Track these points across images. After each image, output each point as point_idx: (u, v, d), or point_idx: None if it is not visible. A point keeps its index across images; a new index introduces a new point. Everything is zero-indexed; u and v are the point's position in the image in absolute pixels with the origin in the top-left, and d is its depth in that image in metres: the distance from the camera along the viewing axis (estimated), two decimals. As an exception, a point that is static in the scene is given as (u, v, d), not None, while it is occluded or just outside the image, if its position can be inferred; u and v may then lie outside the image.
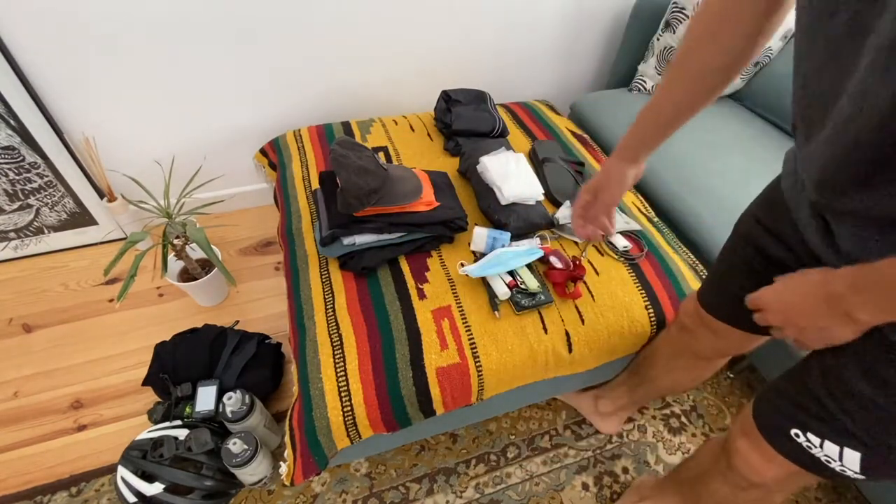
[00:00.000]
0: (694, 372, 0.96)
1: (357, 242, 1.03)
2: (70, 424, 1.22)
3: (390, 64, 1.60)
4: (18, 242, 1.56)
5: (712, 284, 0.82)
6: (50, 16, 1.18)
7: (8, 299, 1.49)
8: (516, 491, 1.16)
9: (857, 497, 1.17)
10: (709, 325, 0.82)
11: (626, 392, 1.14)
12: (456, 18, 1.56)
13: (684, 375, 0.98)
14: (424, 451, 1.21)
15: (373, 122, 1.52)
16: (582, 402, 1.24)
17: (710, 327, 0.83)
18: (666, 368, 0.99)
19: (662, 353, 1.00)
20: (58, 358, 1.35)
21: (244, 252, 1.66)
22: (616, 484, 1.18)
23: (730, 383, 1.39)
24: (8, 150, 1.34)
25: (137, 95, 1.39)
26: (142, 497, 0.99)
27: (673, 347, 0.96)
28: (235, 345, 1.20)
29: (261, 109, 1.56)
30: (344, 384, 0.88)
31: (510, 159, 1.21)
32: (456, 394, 0.92)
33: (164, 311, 1.47)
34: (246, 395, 1.07)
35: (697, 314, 0.84)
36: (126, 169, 1.45)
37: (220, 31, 1.33)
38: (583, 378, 1.10)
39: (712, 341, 0.84)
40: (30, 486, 1.12)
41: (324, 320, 0.97)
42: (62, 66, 1.27)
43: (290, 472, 0.90)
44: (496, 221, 1.14)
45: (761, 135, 1.54)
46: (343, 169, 1.00)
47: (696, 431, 1.28)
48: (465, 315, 0.98)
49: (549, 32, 1.72)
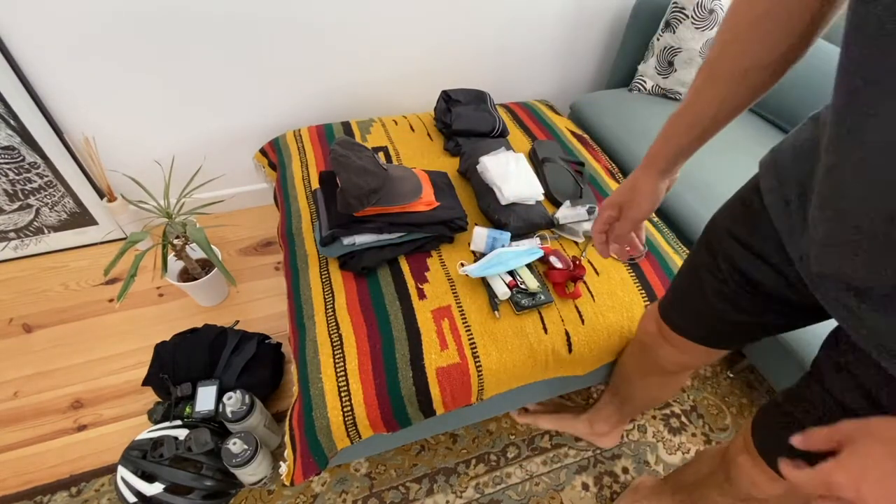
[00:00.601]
0: (666, 387, 0.95)
1: (357, 242, 1.03)
2: (70, 424, 1.22)
3: (390, 64, 1.60)
4: (18, 242, 1.56)
5: (677, 302, 0.77)
6: (50, 16, 1.18)
7: (8, 299, 1.49)
8: (516, 491, 1.16)
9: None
10: (671, 342, 0.79)
11: (615, 411, 1.13)
12: (456, 18, 1.56)
13: (659, 391, 0.98)
14: (424, 451, 1.21)
15: (373, 122, 1.52)
16: (578, 427, 1.22)
17: (672, 344, 0.79)
18: (641, 386, 0.98)
19: (633, 371, 0.98)
20: (58, 358, 1.35)
21: (244, 252, 1.66)
22: (616, 484, 1.18)
23: (729, 383, 1.39)
24: (8, 150, 1.34)
25: (137, 95, 1.39)
26: (142, 497, 0.99)
27: (639, 365, 0.94)
28: (235, 345, 1.20)
29: (261, 109, 1.56)
30: (344, 384, 0.88)
31: (510, 159, 1.21)
32: (456, 394, 0.92)
33: (164, 311, 1.47)
34: (246, 395, 1.07)
35: (660, 332, 0.81)
36: (126, 169, 1.45)
37: (221, 31, 1.33)
38: (583, 378, 1.10)
39: (675, 356, 0.81)
40: (30, 486, 1.12)
41: (324, 320, 0.97)
42: (62, 66, 1.27)
43: (290, 472, 0.90)
44: (496, 221, 1.14)
45: (761, 135, 1.54)
46: (343, 169, 1.00)
47: (696, 431, 1.28)
48: (465, 315, 0.98)
49: (549, 32, 1.72)
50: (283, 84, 1.52)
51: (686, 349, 0.77)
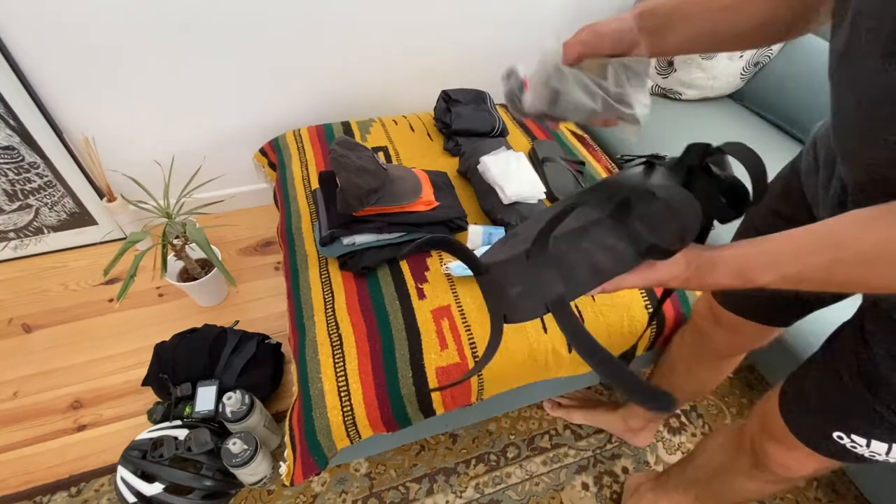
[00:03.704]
0: (716, 371, 0.97)
1: (357, 242, 1.03)
2: (70, 424, 1.22)
3: (390, 64, 1.60)
4: (18, 242, 1.56)
5: None
6: (50, 15, 1.18)
7: (7, 299, 1.49)
8: (516, 491, 1.16)
9: (858, 497, 1.17)
10: (724, 323, 0.82)
11: None
12: (456, 18, 1.56)
13: (707, 376, 0.99)
14: (424, 451, 1.21)
15: (373, 121, 1.52)
16: (611, 422, 1.23)
17: (725, 325, 0.82)
18: (688, 374, 0.99)
19: (681, 359, 1.00)
20: (57, 358, 1.35)
21: (244, 252, 1.66)
22: (616, 484, 1.18)
23: (729, 383, 1.39)
24: (7, 150, 1.34)
25: (137, 95, 1.39)
26: (141, 497, 0.99)
27: (690, 351, 0.96)
28: (235, 345, 1.20)
29: (261, 109, 1.56)
30: (344, 384, 0.88)
31: (510, 158, 1.21)
32: (456, 394, 0.92)
33: (164, 311, 1.47)
34: (246, 395, 1.07)
35: (712, 313, 0.84)
36: (126, 169, 1.45)
37: (221, 30, 1.33)
38: (582, 378, 1.10)
39: (729, 338, 0.85)
40: (30, 486, 1.12)
41: (323, 320, 0.97)
42: (62, 66, 1.27)
43: (289, 472, 0.90)
44: (499, 221, 1.15)
45: (761, 135, 1.54)
46: (343, 169, 1.00)
47: (696, 431, 1.28)
48: (464, 315, 0.98)
49: (549, 32, 1.72)
50: (283, 84, 1.52)
51: (737, 329, 0.80)
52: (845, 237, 0.38)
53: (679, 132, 1.55)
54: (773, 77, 1.58)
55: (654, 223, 0.44)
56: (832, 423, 0.58)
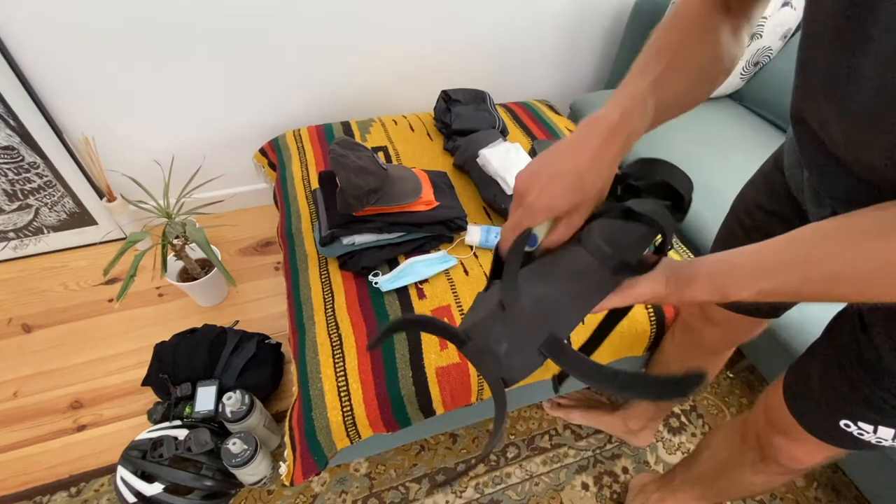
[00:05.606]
0: (709, 366, 0.98)
1: (356, 242, 1.03)
2: (69, 424, 1.22)
3: (390, 64, 1.60)
4: (18, 242, 1.55)
5: None
6: (49, 15, 1.18)
7: (7, 299, 1.48)
8: (516, 491, 1.16)
9: (858, 497, 1.17)
10: (714, 318, 0.83)
11: (652, 404, 1.14)
12: (456, 18, 1.56)
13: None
14: (424, 451, 1.21)
15: (372, 121, 1.52)
16: (610, 423, 1.23)
17: (715, 321, 0.83)
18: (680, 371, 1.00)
19: (673, 358, 1.00)
20: (57, 358, 1.35)
21: (244, 252, 1.66)
22: (616, 484, 1.18)
23: (729, 383, 1.39)
24: (7, 150, 1.34)
25: (137, 95, 1.39)
26: (141, 497, 0.99)
27: (681, 349, 0.97)
28: (235, 345, 1.20)
29: (260, 109, 1.56)
30: (343, 384, 0.88)
31: (510, 150, 1.22)
32: (455, 394, 0.92)
33: (164, 311, 1.47)
34: (246, 395, 1.07)
35: (702, 310, 0.85)
36: (126, 169, 1.45)
37: (220, 30, 1.33)
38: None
39: (719, 333, 0.86)
40: (29, 486, 1.12)
41: (323, 320, 0.97)
42: (62, 66, 1.27)
43: (289, 473, 0.90)
44: (503, 211, 1.16)
45: (761, 135, 1.54)
46: (342, 169, 1.00)
47: (696, 431, 1.28)
48: (464, 315, 0.98)
49: (549, 32, 1.72)
50: (282, 84, 1.52)
51: (726, 323, 0.82)
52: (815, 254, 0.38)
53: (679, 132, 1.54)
54: (773, 77, 1.58)
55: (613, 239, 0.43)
56: (838, 412, 0.58)
